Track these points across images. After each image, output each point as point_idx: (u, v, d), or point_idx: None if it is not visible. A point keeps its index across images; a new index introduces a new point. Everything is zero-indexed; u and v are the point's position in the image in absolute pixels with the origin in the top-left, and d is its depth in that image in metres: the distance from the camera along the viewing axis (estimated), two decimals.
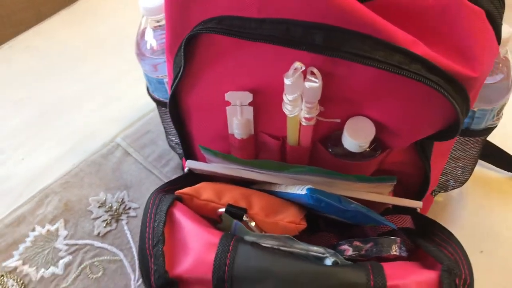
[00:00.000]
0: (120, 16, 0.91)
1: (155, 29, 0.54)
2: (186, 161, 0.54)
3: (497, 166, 0.67)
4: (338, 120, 0.44)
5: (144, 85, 0.61)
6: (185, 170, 0.54)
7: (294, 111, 0.42)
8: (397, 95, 0.40)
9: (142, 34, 0.55)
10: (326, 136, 0.47)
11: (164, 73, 0.56)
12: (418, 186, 0.52)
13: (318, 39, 0.36)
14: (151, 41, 0.55)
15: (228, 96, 0.44)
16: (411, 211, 0.51)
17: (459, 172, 0.61)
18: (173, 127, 0.63)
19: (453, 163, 0.59)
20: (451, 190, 0.64)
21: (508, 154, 0.66)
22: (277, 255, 0.38)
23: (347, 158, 0.46)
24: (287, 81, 0.39)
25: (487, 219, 0.63)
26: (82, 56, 0.85)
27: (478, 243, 0.61)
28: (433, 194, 0.64)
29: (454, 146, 0.56)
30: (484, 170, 0.67)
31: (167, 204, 0.43)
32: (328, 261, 0.41)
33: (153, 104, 0.75)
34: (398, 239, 0.45)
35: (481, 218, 0.63)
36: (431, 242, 0.45)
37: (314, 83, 0.39)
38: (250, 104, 0.44)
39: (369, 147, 0.45)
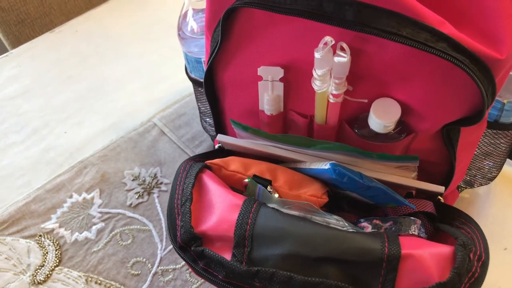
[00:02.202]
0: (166, 6, 0.96)
1: (196, 12, 0.58)
2: (217, 142, 0.56)
3: None
4: (365, 100, 0.46)
5: (182, 72, 0.65)
6: (216, 146, 0.57)
7: (323, 87, 0.44)
8: (423, 75, 0.41)
9: (184, 16, 0.58)
10: (353, 117, 0.48)
11: (202, 54, 0.59)
12: (442, 176, 0.52)
13: (349, 15, 0.38)
14: (192, 23, 0.58)
15: (261, 70, 0.46)
16: (433, 200, 0.52)
17: (487, 168, 0.61)
18: (208, 107, 0.66)
19: (481, 158, 0.60)
20: (477, 186, 0.63)
21: None
22: (296, 219, 0.40)
23: (372, 139, 0.48)
24: (317, 55, 0.41)
25: None
26: (128, 41, 0.89)
27: (503, 240, 0.60)
28: (459, 189, 0.64)
29: (483, 140, 0.57)
30: None
31: (197, 169, 0.46)
32: None
33: (190, 89, 0.79)
34: (418, 221, 0.46)
35: (506, 216, 0.62)
36: (450, 225, 0.46)
37: (343, 58, 0.40)
38: (281, 80, 0.47)
39: (394, 129, 0.47)
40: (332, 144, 0.48)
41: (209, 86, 0.52)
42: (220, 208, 0.42)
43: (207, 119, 0.69)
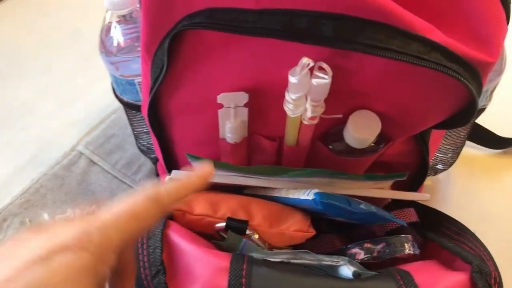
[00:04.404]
0: (65, 8, 0.82)
1: (119, 23, 0.48)
2: (161, 167, 0.48)
3: (480, 145, 0.67)
4: (340, 115, 0.41)
5: (103, 83, 0.55)
6: (166, 179, 0.49)
7: (297, 111, 0.38)
8: (409, 86, 0.37)
9: (107, 30, 0.48)
10: (325, 133, 0.43)
11: (134, 73, 0.50)
12: (415, 174, 0.50)
13: (327, 30, 0.32)
14: (118, 37, 0.48)
15: (221, 98, 0.39)
16: (410, 202, 0.49)
17: (449, 155, 0.60)
18: (143, 130, 0.57)
19: (443, 147, 0.58)
20: (440, 173, 0.62)
21: (491, 132, 0.65)
22: (296, 275, 0.35)
23: (348, 154, 0.43)
24: (293, 79, 0.34)
25: (476, 199, 0.62)
26: (28, 53, 0.76)
27: (471, 224, 0.59)
28: None
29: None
30: (467, 149, 0.66)
31: (161, 226, 0.38)
32: (346, 270, 0.38)
33: (115, 105, 0.69)
34: (410, 237, 0.43)
35: (470, 198, 0.62)
36: (444, 236, 0.44)
37: (323, 80, 0.35)
38: (245, 105, 0.40)
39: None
40: (307, 170, 0.42)
41: (155, 117, 0.44)
42: (204, 275, 0.35)
43: (143, 142, 0.60)
